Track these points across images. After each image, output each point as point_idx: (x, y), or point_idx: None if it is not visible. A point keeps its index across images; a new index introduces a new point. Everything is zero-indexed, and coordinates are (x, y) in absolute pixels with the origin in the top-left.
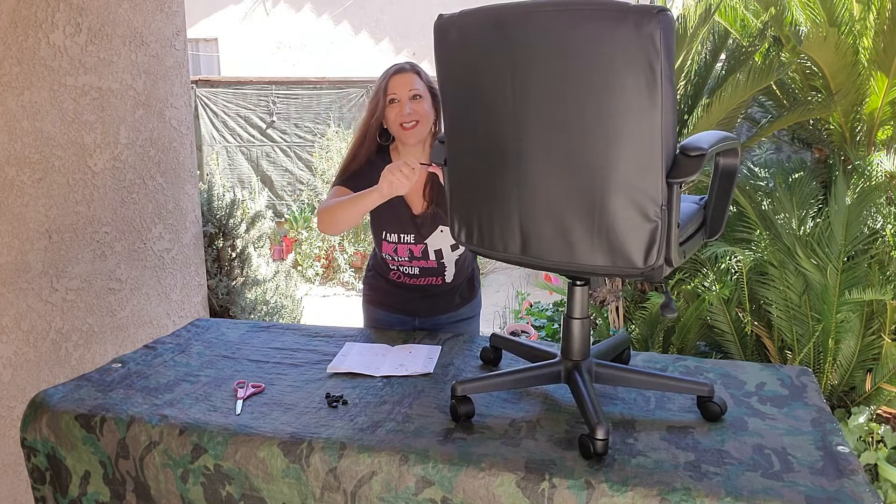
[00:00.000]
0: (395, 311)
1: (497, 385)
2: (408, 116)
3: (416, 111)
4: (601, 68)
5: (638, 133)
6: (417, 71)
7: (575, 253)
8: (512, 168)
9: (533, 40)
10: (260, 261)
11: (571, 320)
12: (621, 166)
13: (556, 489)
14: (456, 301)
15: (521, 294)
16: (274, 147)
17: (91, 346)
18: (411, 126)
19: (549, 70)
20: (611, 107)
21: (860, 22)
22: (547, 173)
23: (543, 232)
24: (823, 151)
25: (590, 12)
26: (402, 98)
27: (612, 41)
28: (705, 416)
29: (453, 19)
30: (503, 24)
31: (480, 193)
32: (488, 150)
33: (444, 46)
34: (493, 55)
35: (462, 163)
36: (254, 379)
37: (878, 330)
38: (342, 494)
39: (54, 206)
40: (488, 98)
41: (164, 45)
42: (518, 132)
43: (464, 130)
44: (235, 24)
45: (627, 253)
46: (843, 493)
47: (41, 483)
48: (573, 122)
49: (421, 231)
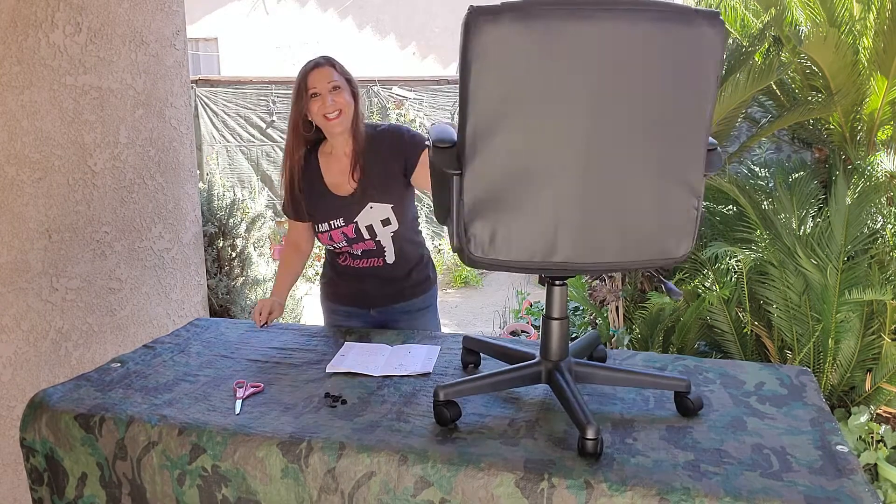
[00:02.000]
0: (350, 303)
1: (478, 388)
2: (331, 107)
3: (338, 101)
4: (668, 68)
5: (695, 129)
6: (333, 63)
7: (621, 252)
8: (559, 172)
9: (595, 41)
10: (260, 260)
11: (551, 321)
12: (680, 162)
13: (556, 489)
14: (407, 289)
15: (521, 294)
16: (274, 147)
17: (91, 346)
18: (335, 116)
19: (614, 70)
20: (677, 105)
21: (860, 22)
22: (602, 174)
23: (588, 234)
24: (823, 151)
25: (658, 14)
26: (322, 91)
27: (680, 42)
28: (681, 412)
29: (492, 14)
30: (559, 21)
31: (514, 201)
32: (533, 153)
33: (480, 43)
34: (540, 55)
35: (493, 169)
36: (253, 379)
37: (878, 330)
38: (340, 496)
39: (54, 206)
40: (539, 100)
41: (163, 45)
42: (580, 133)
43: (501, 134)
44: (235, 23)
45: (671, 244)
46: (842, 493)
47: (39, 484)
48: (639, 121)
49: (348, 212)
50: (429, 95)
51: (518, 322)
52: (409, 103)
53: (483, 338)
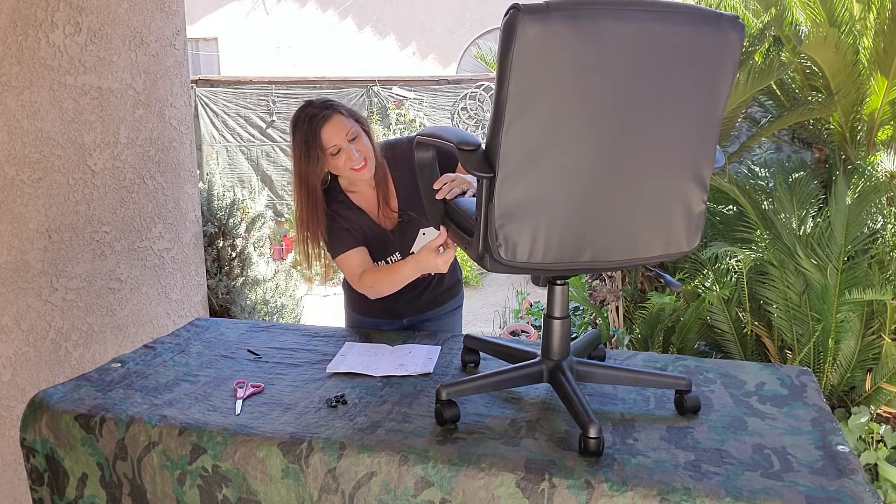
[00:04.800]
0: (381, 316)
1: (480, 387)
2: (357, 160)
3: (362, 150)
4: (693, 67)
5: (711, 126)
6: (339, 109)
7: (638, 248)
8: (594, 171)
9: (637, 40)
10: (260, 261)
11: (552, 320)
12: (696, 158)
13: (556, 489)
14: (439, 296)
15: (521, 294)
16: (274, 147)
17: (91, 346)
18: (362, 167)
19: (649, 70)
20: (698, 102)
21: (860, 22)
22: (631, 171)
23: (614, 232)
24: (823, 151)
25: (691, 15)
26: (342, 146)
27: (707, 43)
28: (679, 411)
29: (540, 13)
30: (605, 21)
31: (552, 202)
32: (574, 154)
33: (526, 43)
34: (585, 55)
35: (534, 172)
36: (253, 379)
37: (878, 330)
38: (340, 496)
39: (54, 206)
40: (582, 100)
41: (163, 45)
42: (616, 132)
43: (544, 136)
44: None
45: (683, 238)
46: (842, 493)
47: (39, 484)
48: (667, 118)
49: (402, 245)
50: (429, 95)
51: (518, 322)
52: (409, 103)
53: (484, 337)
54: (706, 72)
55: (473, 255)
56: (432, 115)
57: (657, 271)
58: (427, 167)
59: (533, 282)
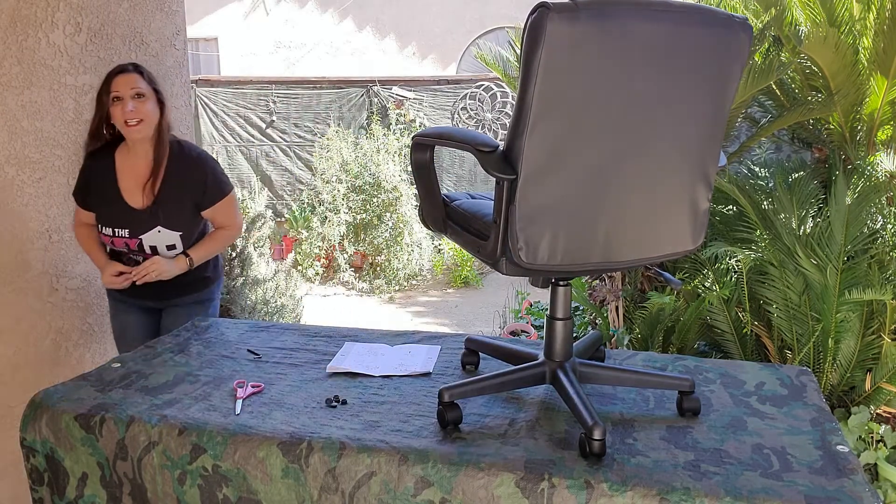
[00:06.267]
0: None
1: (483, 389)
2: (131, 114)
3: (140, 110)
4: (707, 68)
5: (718, 126)
6: (140, 71)
7: (648, 247)
8: (620, 173)
9: (661, 41)
10: (260, 260)
11: (555, 321)
12: (705, 158)
13: (556, 489)
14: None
15: (520, 294)
16: (274, 147)
17: (91, 346)
18: (135, 124)
19: (670, 70)
20: (709, 103)
21: (860, 22)
22: (651, 173)
23: (627, 232)
24: (823, 151)
25: (707, 17)
26: (124, 96)
27: (721, 44)
28: (681, 412)
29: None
30: (632, 21)
31: (578, 205)
32: (601, 155)
33: (554, 43)
34: (611, 55)
35: (561, 174)
36: (253, 379)
37: (878, 330)
38: (340, 496)
39: (54, 206)
40: (609, 101)
41: (163, 45)
42: (640, 133)
43: (571, 138)
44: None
45: (689, 236)
46: (842, 493)
47: (39, 484)
48: (684, 119)
49: (136, 227)
50: (429, 95)
51: (518, 322)
52: (408, 103)
53: (486, 339)
54: (718, 72)
55: (487, 257)
56: (432, 115)
57: (657, 269)
58: (425, 168)
59: (532, 283)
